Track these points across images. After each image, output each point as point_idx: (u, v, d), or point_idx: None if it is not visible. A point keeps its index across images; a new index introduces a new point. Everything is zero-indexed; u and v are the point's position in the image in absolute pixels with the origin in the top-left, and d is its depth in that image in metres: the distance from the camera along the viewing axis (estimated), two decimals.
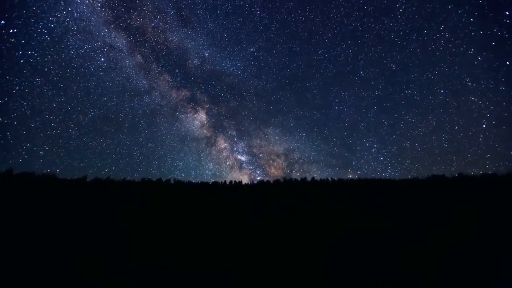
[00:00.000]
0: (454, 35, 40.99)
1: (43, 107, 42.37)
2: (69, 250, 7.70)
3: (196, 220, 11.79)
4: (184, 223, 11.21)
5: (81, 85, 47.67)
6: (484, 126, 41.68)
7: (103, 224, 10.83)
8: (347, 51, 55.59)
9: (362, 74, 54.92)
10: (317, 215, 12.11)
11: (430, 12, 42.69)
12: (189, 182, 31.91)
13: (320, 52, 58.54)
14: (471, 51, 39.39)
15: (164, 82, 58.61)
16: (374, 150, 55.53)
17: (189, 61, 60.86)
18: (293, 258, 6.98)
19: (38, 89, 42.12)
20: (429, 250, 7.18)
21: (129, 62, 53.70)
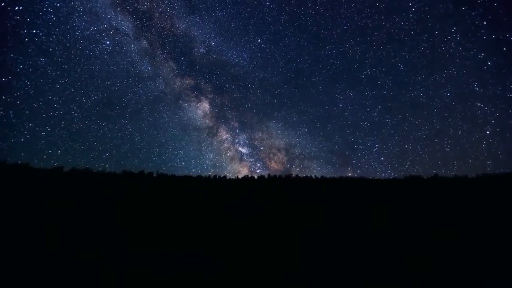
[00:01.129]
0: (465, 38, 41.65)
1: (46, 87, 42.29)
2: (40, 242, 7.38)
3: (175, 214, 11.60)
4: (163, 217, 11.01)
5: (85, 67, 47.69)
6: (488, 132, 42.98)
7: (78, 217, 10.43)
8: (355, 48, 55.62)
9: (369, 73, 55.05)
10: (306, 213, 12.27)
11: (443, 13, 43.05)
12: (173, 175, 31.51)
13: (328, 47, 58.31)
14: (481, 55, 40.40)
15: (168, 69, 58.29)
16: (375, 150, 56.42)
17: (195, 49, 60.23)
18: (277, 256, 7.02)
19: (42, 69, 41.85)
20: (426, 250, 7.32)
21: (134, 47, 53.42)
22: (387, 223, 10.48)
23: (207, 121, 58.64)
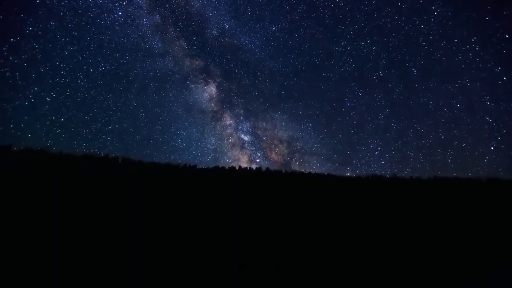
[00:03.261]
0: (484, 49, 42.75)
1: (54, 53, 42.81)
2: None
3: (134, 203, 11.18)
4: (124, 205, 10.55)
5: (95, 36, 47.83)
6: (492, 148, 45.39)
7: (28, 198, 9.60)
8: (370, 47, 55.78)
9: (381, 74, 55.63)
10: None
11: (465, 20, 43.63)
12: (140, 161, 29.94)
13: (342, 43, 58.05)
14: (497, 69, 41.78)
15: (179, 48, 56.67)
16: (377, 153, 58.07)
17: (208, 31, 58.45)
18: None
19: (51, 33, 42.40)
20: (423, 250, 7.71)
21: (146, 21, 51.97)
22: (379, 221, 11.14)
23: (212, 104, 58.71)
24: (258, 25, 62.90)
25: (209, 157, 59.40)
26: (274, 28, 64.53)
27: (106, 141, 51.09)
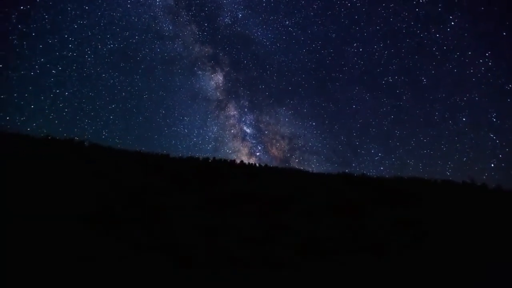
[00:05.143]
0: (497, 65, 39.99)
1: (63, 25, 40.08)
2: None
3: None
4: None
5: (106, 12, 47.12)
6: (492, 165, 42.39)
7: None
8: (383, 51, 53.39)
9: (390, 80, 53.26)
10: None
11: (481, 33, 41.16)
12: (109, 147, 27.83)
13: (355, 45, 55.83)
14: (508, 86, 39.05)
15: (190, 33, 55.77)
16: (377, 158, 55.82)
17: (220, 18, 57.34)
18: None
19: (62, 5, 39.52)
20: None
21: (159, 2, 51.41)
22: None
23: (218, 93, 57.75)
24: (272, 17, 60.22)
25: (210, 145, 57.30)
26: (287, 22, 61.49)
27: (109, 119, 49.51)
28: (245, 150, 61.11)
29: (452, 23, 47.79)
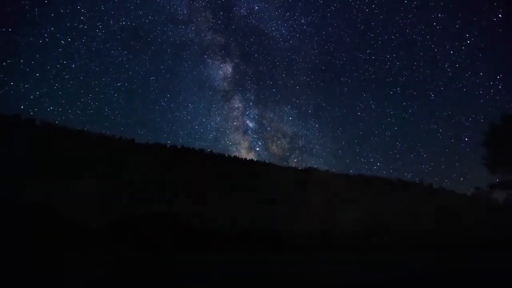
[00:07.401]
0: (507, 89, 39.81)
1: None
2: None
3: None
4: None
5: None
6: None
7: None
8: (395, 61, 52.49)
9: (399, 91, 52.67)
10: None
11: (495, 55, 40.40)
12: (101, 134, 26.92)
13: (368, 51, 54.72)
14: None
15: (204, 19, 53.00)
16: (375, 168, 56.53)
17: (236, 8, 55.32)
18: None
19: None
20: None
21: None
22: None
23: (225, 84, 56.29)
24: (288, 13, 58.36)
25: (211, 135, 56.43)
26: (303, 21, 59.42)
27: (113, 96, 47.54)
28: (245, 144, 60.03)
29: (468, 41, 46.53)
